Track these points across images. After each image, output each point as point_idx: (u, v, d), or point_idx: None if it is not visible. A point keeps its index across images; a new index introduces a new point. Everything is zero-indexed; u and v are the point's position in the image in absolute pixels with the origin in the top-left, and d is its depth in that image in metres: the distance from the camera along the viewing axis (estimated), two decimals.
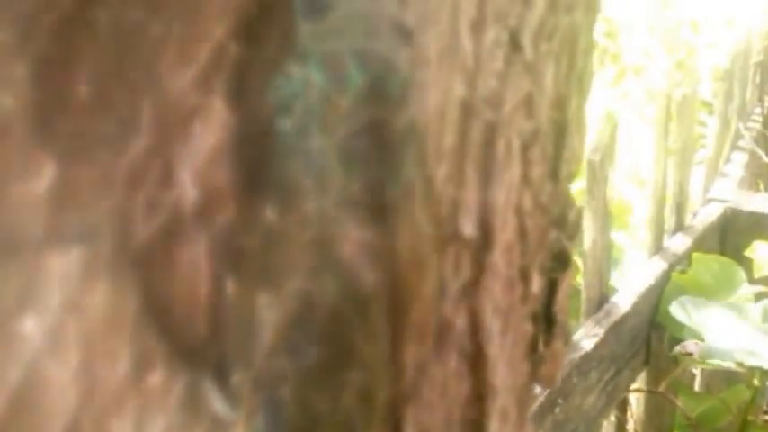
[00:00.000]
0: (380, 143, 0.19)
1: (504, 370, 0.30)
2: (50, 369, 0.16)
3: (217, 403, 0.18)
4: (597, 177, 1.07)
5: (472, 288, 0.27)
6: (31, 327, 0.15)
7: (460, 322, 0.25)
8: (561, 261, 0.35)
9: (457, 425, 0.26)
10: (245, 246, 0.19)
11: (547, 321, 0.35)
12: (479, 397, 0.28)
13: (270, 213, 0.19)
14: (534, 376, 0.34)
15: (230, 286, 0.19)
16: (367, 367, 0.20)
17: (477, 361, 0.27)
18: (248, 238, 0.19)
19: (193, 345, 0.18)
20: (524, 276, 0.32)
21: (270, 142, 0.18)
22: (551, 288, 0.35)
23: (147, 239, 0.17)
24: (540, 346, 0.34)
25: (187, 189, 0.18)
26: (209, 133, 0.18)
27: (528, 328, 0.33)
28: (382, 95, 0.19)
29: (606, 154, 1.07)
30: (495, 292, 0.29)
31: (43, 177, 0.15)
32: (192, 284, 0.18)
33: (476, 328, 0.27)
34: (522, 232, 0.31)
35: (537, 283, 0.33)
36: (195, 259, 0.18)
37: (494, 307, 0.29)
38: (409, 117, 0.20)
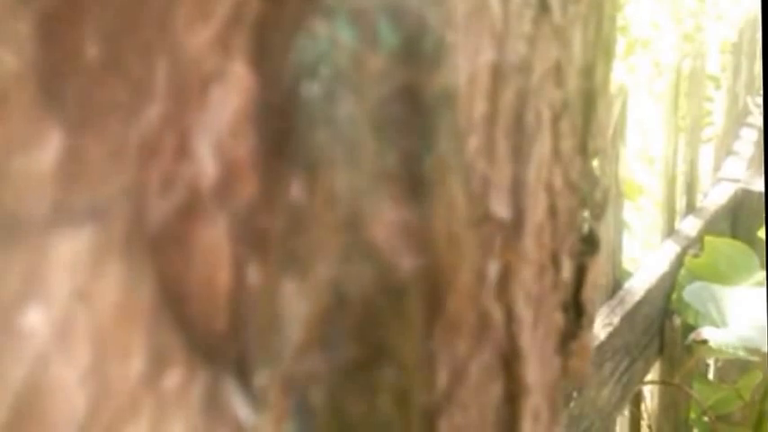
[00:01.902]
0: (415, 109, 0.18)
1: (536, 366, 0.29)
2: (58, 368, 0.15)
3: (240, 406, 0.17)
4: (608, 155, 1.06)
5: (504, 275, 0.26)
6: (35, 320, 0.14)
7: (498, 314, 0.24)
8: (590, 244, 0.34)
9: (490, 428, 0.25)
10: (269, 227, 0.18)
11: (575, 311, 0.34)
12: (512, 397, 0.27)
13: (296, 190, 0.17)
14: (564, 372, 0.33)
15: (253, 273, 0.17)
16: (402, 366, 0.19)
17: (510, 356, 0.26)
18: (272, 219, 0.17)
19: (213, 340, 0.17)
20: (555, 261, 0.31)
21: (295, 109, 0.17)
22: (580, 274, 0.34)
23: (163, 219, 0.16)
24: (569, 339, 0.33)
25: (206, 162, 0.17)
26: (230, 99, 0.17)
27: (558, 318, 0.32)
28: (416, 56, 0.18)
29: (617, 130, 1.06)
30: (527, 280, 0.28)
31: (48, 148, 0.14)
32: (212, 271, 0.17)
33: (509, 319, 0.26)
34: (552, 212, 0.30)
35: (567, 269, 0.32)
36: (215, 242, 0.17)
37: (525, 296, 0.28)
38: (444, 80, 0.19)
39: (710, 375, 1.47)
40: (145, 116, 0.15)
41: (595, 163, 0.37)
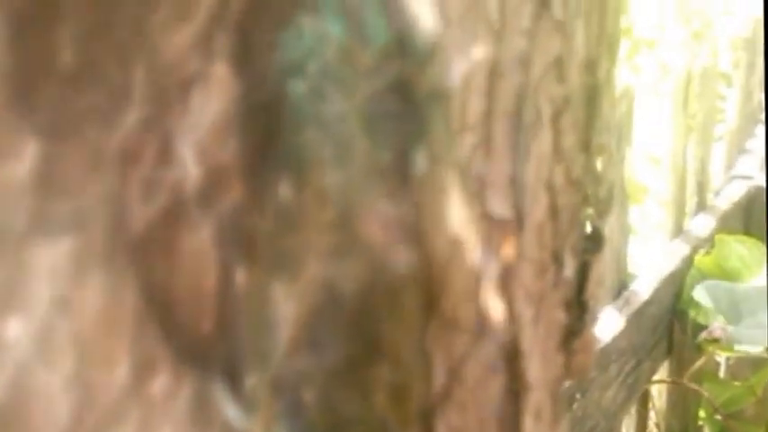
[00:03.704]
0: (406, 104, 0.18)
1: (537, 363, 0.28)
2: (40, 377, 0.15)
3: (229, 410, 0.17)
4: (613, 157, 1.05)
5: (504, 274, 0.25)
6: (16, 330, 0.14)
7: (497, 312, 0.24)
8: (593, 242, 0.34)
9: (491, 426, 0.25)
10: (256, 229, 0.17)
11: (578, 309, 0.34)
12: (513, 394, 0.26)
13: (283, 190, 0.17)
14: (567, 369, 0.33)
15: (240, 277, 0.17)
16: (398, 363, 0.18)
17: (510, 354, 0.26)
18: (259, 221, 0.17)
19: (201, 345, 0.17)
20: (556, 259, 0.30)
21: (281, 109, 0.17)
22: (583, 272, 0.33)
23: (145, 226, 0.16)
24: (572, 337, 0.33)
25: (188, 167, 0.16)
26: (212, 102, 0.17)
27: (560, 316, 0.31)
28: (407, 51, 0.18)
29: (623, 132, 1.05)
30: (527, 278, 0.28)
31: (25, 158, 0.14)
32: (198, 276, 0.17)
33: (508, 318, 0.26)
34: (553, 211, 0.30)
35: (569, 267, 0.31)
36: (200, 247, 0.17)
37: (525, 294, 0.27)
38: (436, 76, 0.19)
39: (722, 374, 1.46)
40: (124, 122, 0.15)
41: (600, 160, 0.37)
